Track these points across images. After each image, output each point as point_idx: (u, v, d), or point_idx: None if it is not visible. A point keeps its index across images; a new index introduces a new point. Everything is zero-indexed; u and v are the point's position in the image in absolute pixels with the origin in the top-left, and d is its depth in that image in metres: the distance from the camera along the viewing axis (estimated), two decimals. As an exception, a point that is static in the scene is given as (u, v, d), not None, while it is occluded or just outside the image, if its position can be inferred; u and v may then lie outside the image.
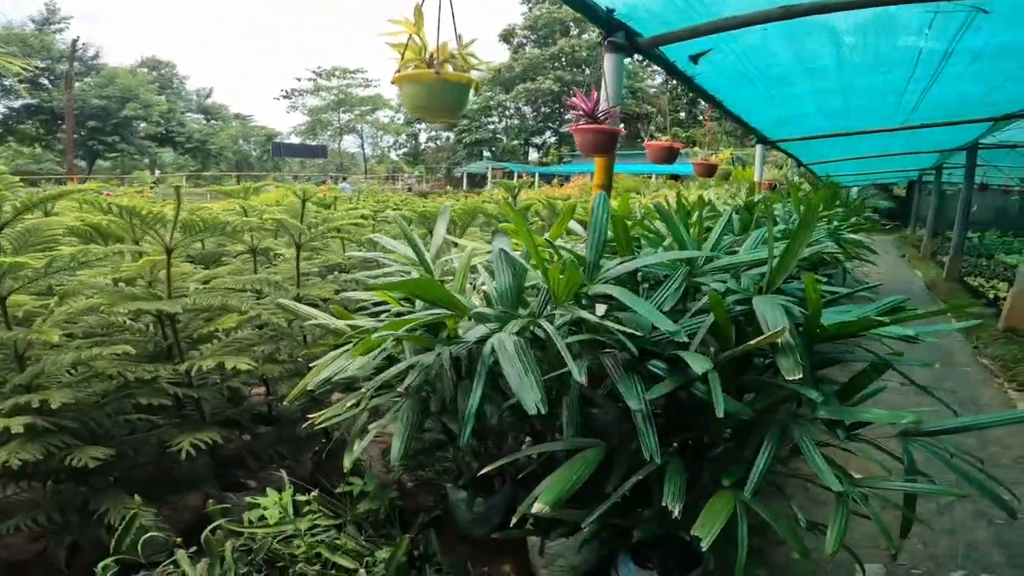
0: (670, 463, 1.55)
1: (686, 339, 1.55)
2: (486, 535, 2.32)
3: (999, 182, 12.35)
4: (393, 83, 1.66)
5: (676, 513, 1.42)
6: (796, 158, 11.75)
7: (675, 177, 18.65)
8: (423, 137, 54.75)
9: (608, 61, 2.73)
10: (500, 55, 44.58)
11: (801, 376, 1.32)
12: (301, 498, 1.95)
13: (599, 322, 1.52)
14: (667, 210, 2.28)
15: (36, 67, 31.58)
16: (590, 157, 2.50)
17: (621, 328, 1.50)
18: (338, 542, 1.87)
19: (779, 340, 1.39)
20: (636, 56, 3.47)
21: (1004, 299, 6.05)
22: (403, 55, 1.64)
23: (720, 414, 1.33)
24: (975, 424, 1.63)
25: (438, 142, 53.00)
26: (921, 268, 10.51)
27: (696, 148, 4.76)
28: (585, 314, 1.58)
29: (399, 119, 51.96)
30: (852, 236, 4.03)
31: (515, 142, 46.62)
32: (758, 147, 7.34)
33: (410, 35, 1.63)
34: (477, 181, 38.22)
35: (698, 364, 1.37)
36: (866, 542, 2.36)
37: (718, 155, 5.26)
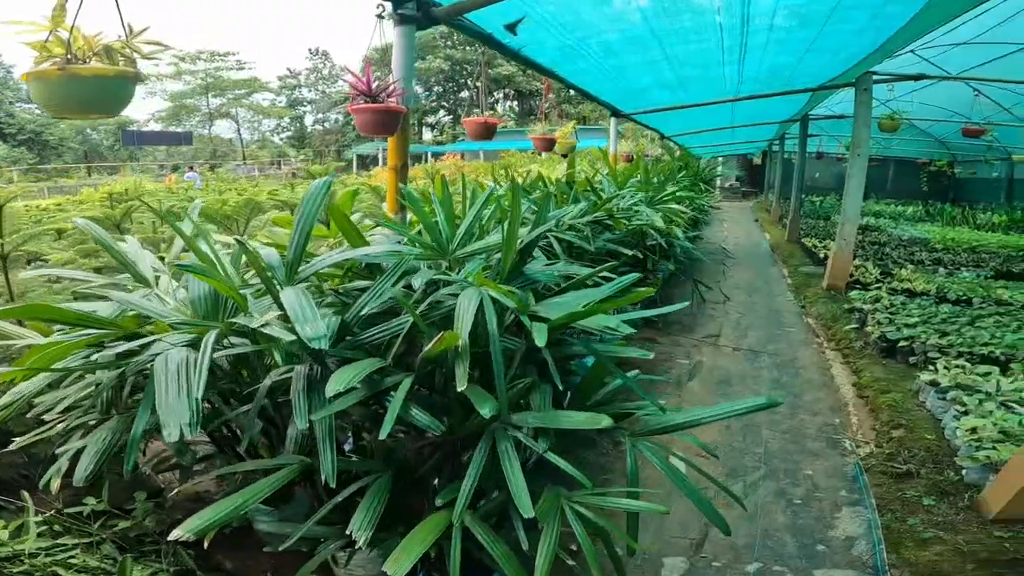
0: (372, 484, 1.33)
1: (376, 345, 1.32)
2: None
3: (835, 151, 13.64)
4: (23, 80, 1.48)
5: (361, 543, 1.20)
6: (658, 131, 12.23)
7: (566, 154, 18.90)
8: (309, 120, 51.71)
9: (398, 35, 2.43)
10: (390, 35, 42.72)
11: (466, 385, 1.13)
12: (39, 519, 1.80)
13: (262, 331, 1.25)
14: (414, 193, 2.04)
15: None
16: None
17: (289, 337, 1.24)
18: (73, 561, 1.69)
19: (457, 344, 1.19)
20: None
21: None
22: (41, 52, 1.47)
23: (385, 432, 1.11)
24: (693, 421, 1.54)
25: (326, 124, 50.34)
26: (770, 231, 11.37)
27: (537, 124, 4.63)
28: (256, 322, 1.30)
29: (281, 102, 48.50)
30: (675, 206, 4.10)
31: (410, 121, 45.46)
32: (612, 120, 7.43)
33: (51, 31, 1.46)
34: (368, 163, 36.95)
35: (344, 377, 1.14)
36: (675, 532, 2.31)
37: (562, 129, 5.19)
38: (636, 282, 1.68)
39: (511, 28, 3.57)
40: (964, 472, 2.50)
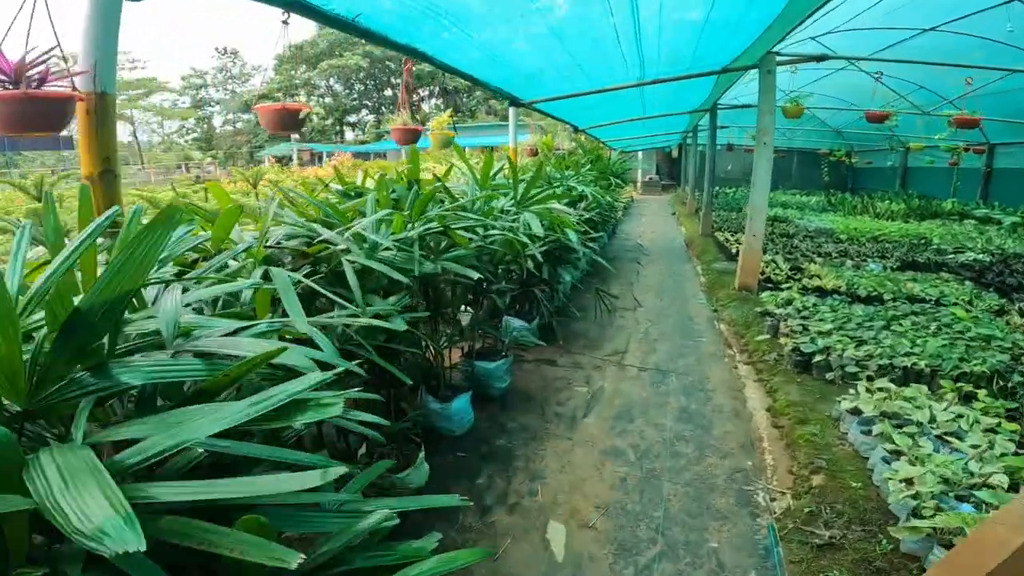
0: None
1: None
2: None
3: (743, 142, 13.69)
4: None
5: None
6: (572, 124, 11.74)
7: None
8: (218, 121, 48.24)
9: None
10: (306, 31, 40.67)
11: None
12: None
13: None
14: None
15: None
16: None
17: None
18: None
19: None
20: None
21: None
22: None
23: None
24: None
25: (237, 125, 47.16)
26: (686, 224, 11.14)
27: (395, 116, 3.85)
28: None
29: (184, 103, 44.88)
30: (559, 205, 3.42)
31: (327, 121, 43.53)
32: (511, 110, 6.74)
33: None
34: (284, 165, 34.87)
35: None
36: None
37: (437, 119, 4.43)
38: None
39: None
40: (901, 541, 1.95)
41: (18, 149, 33.72)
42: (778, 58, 5.08)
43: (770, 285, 5.38)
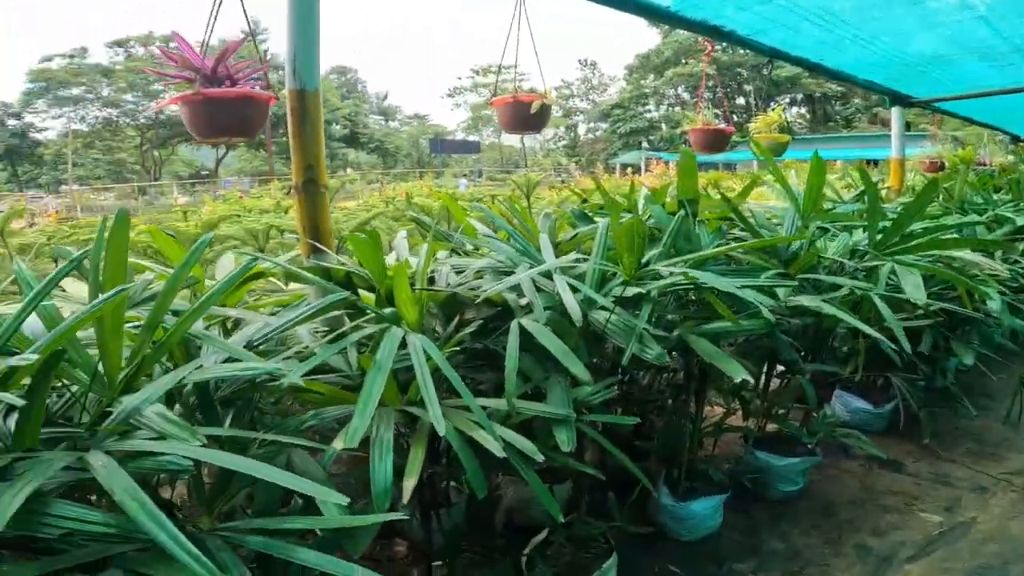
0: None
1: None
2: None
3: None
4: None
5: None
6: (1006, 131, 8.41)
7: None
8: (582, 129, 53.88)
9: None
10: (651, 39, 41.74)
11: None
12: None
13: None
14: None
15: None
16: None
17: None
18: None
19: None
20: None
21: None
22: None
23: None
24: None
25: (597, 134, 51.79)
26: None
27: (697, 114, 3.10)
28: None
29: (556, 112, 51.76)
30: (969, 254, 2.10)
31: (677, 130, 43.95)
32: (893, 111, 5.06)
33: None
34: (635, 171, 36.64)
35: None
36: None
37: (762, 118, 3.44)
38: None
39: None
40: None
41: (443, 152, 44.34)
42: None
43: None
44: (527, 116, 2.17)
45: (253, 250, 2.33)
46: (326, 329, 1.29)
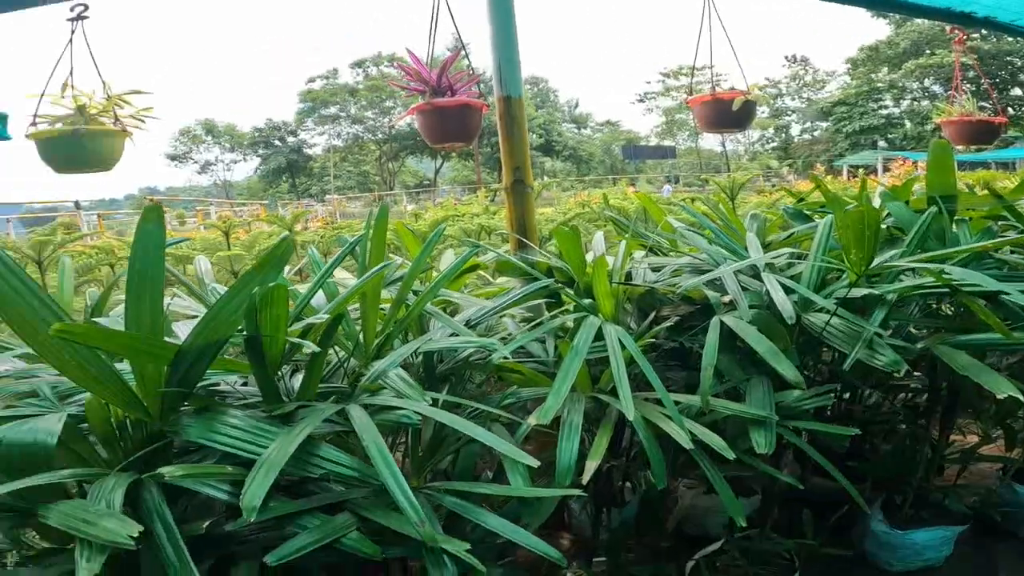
0: None
1: None
2: None
3: None
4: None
5: None
6: None
7: None
8: (796, 130, 48.40)
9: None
10: (878, 31, 35.43)
11: None
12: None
13: None
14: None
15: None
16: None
17: None
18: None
19: None
20: None
21: None
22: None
23: None
24: None
25: (815, 133, 46.09)
26: None
27: (952, 104, 2.50)
28: None
29: (762, 112, 47.30)
30: None
31: (927, 126, 36.90)
32: None
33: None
34: (868, 172, 31.61)
35: None
36: None
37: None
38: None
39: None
40: None
41: (637, 158, 43.59)
42: None
43: None
44: (728, 113, 2.05)
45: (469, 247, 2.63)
46: (528, 316, 1.41)
